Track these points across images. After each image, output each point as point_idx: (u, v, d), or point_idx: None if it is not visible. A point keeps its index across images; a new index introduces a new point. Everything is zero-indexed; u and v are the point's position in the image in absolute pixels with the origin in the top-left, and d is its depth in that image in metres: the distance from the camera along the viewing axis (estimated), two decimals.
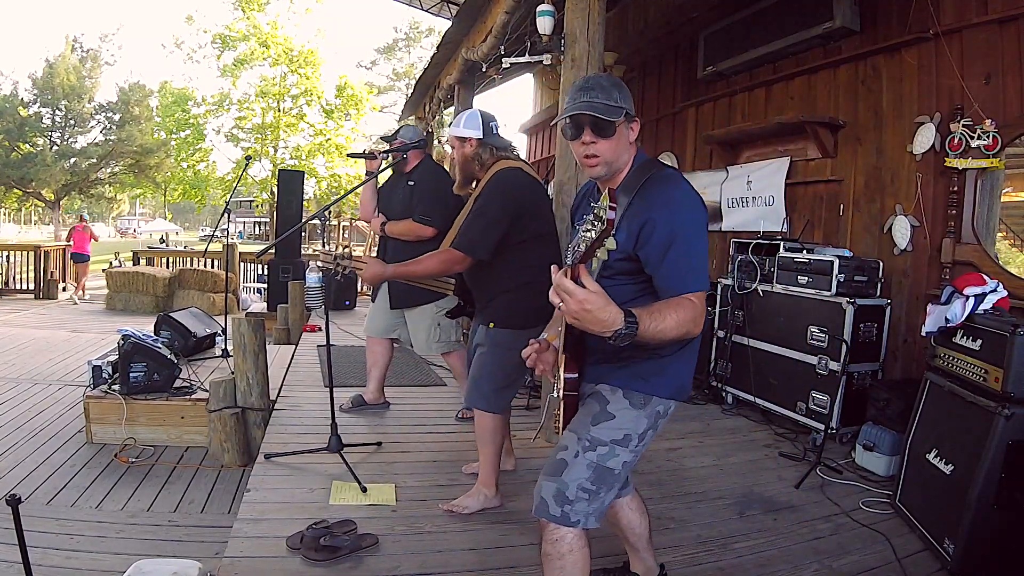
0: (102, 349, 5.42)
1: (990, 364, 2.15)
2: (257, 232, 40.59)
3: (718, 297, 4.02)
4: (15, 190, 26.10)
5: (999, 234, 3.37)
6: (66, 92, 25.44)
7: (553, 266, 1.20)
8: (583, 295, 1.13)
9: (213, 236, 6.00)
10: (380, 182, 3.44)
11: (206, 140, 21.03)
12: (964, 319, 2.31)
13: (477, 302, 2.52)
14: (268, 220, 25.80)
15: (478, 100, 6.49)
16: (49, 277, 9.53)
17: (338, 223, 31.34)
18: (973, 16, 3.12)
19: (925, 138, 3.30)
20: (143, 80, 31.88)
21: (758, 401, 3.68)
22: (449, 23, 6.50)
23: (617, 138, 1.43)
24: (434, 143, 8.73)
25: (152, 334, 3.99)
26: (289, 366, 4.44)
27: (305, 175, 8.55)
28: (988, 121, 2.98)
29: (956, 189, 3.16)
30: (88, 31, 70.82)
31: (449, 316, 2.80)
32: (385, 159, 3.23)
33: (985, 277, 2.40)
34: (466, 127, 2.41)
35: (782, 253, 3.61)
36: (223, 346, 4.77)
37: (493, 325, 2.38)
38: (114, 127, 26.51)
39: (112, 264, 10.44)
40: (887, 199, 3.59)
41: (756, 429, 3.55)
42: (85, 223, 10.73)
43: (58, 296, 9.52)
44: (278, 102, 20.72)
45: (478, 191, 2.38)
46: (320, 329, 5.73)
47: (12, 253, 9.85)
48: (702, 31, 5.00)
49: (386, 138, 3.37)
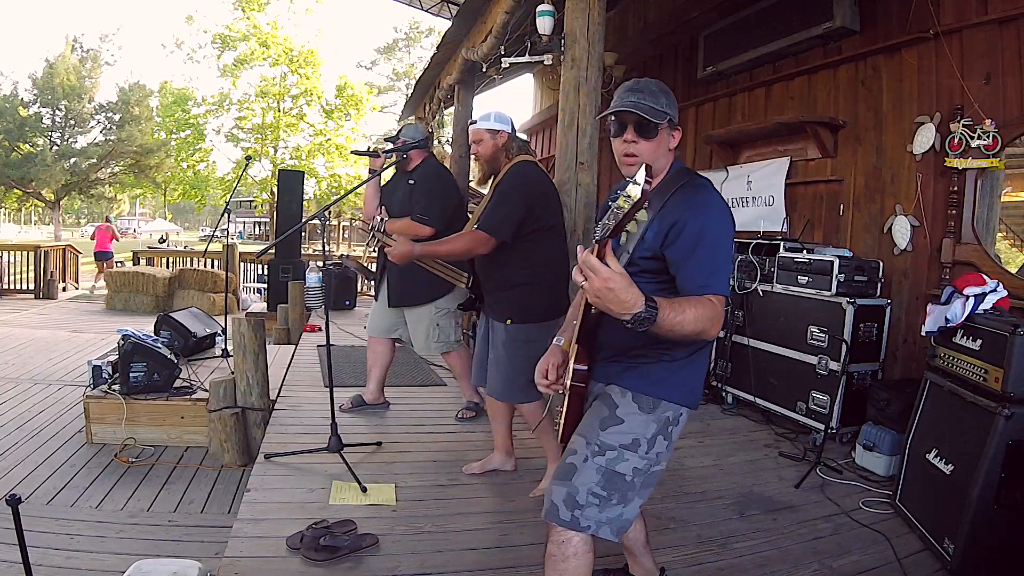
0: (102, 349, 5.42)
1: (990, 364, 2.14)
2: (257, 232, 40.58)
3: None
4: (15, 190, 26.11)
5: (999, 234, 3.37)
6: (66, 92, 25.44)
7: (580, 246, 1.20)
8: (607, 274, 1.14)
9: (213, 236, 6.00)
10: (384, 180, 3.45)
11: (206, 140, 21.00)
12: (964, 319, 2.31)
13: (487, 295, 2.58)
14: (268, 220, 25.79)
15: (478, 100, 6.50)
16: (49, 277, 9.52)
17: (338, 223, 31.37)
18: (973, 16, 3.12)
19: (925, 138, 3.30)
20: (143, 80, 31.98)
21: (758, 401, 3.67)
22: (449, 23, 6.51)
23: (658, 141, 1.47)
24: (434, 143, 8.73)
25: (152, 334, 3.99)
26: (289, 366, 4.44)
27: (305, 175, 8.55)
28: (988, 121, 2.98)
29: (956, 189, 3.16)
30: (88, 31, 70.84)
31: (461, 309, 2.85)
32: (388, 158, 3.24)
33: (985, 277, 2.40)
34: (497, 121, 2.53)
35: (782, 253, 3.61)
36: (223, 346, 4.77)
37: (511, 321, 2.44)
38: (114, 127, 26.51)
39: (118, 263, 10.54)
40: (887, 199, 3.59)
41: (756, 429, 3.55)
42: (109, 223, 11.71)
43: (58, 296, 9.52)
44: (278, 102, 20.70)
45: (498, 180, 2.50)
46: (320, 329, 5.73)
47: (12, 253, 9.84)
48: (702, 31, 5.00)
49: (389, 137, 3.38)
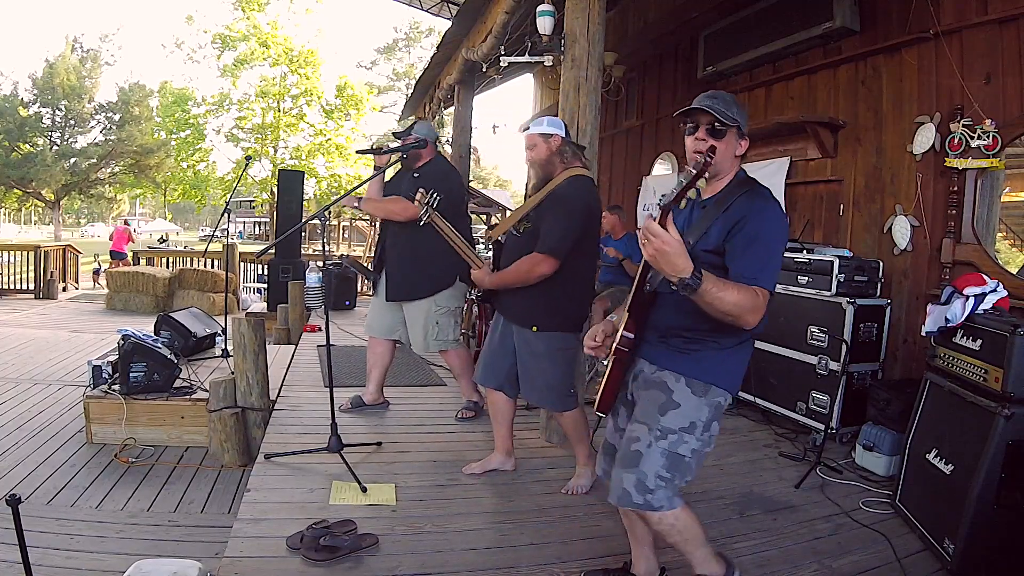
0: (102, 349, 5.42)
1: (990, 364, 2.14)
2: (257, 232, 40.57)
3: None
4: (15, 190, 26.12)
5: (999, 234, 3.36)
6: (66, 92, 25.45)
7: (647, 215, 1.38)
8: (667, 237, 1.31)
9: (213, 236, 6.00)
10: (388, 177, 3.44)
11: (206, 140, 20.99)
12: (964, 319, 2.31)
13: (504, 294, 2.58)
14: (268, 220, 25.80)
15: (478, 100, 6.50)
16: (49, 277, 9.52)
17: (338, 223, 31.36)
18: (973, 16, 3.12)
19: (925, 138, 3.30)
20: (143, 80, 31.96)
21: (758, 401, 3.67)
22: (449, 23, 6.51)
23: (726, 144, 1.60)
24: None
25: (152, 334, 3.99)
26: (289, 366, 4.44)
27: (305, 175, 8.54)
28: (988, 121, 2.98)
29: (956, 189, 3.16)
30: (88, 31, 70.67)
31: (480, 299, 2.85)
32: (391, 155, 3.23)
33: (985, 277, 2.40)
34: (550, 126, 2.48)
35: None
36: (223, 346, 4.77)
37: (536, 328, 2.45)
38: (114, 127, 26.52)
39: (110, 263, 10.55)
40: (887, 199, 3.58)
41: (756, 429, 3.55)
42: (127, 226, 12.78)
43: (58, 296, 9.52)
44: (278, 102, 20.70)
45: (551, 190, 2.42)
46: (320, 329, 5.73)
47: (12, 253, 9.85)
48: (702, 31, 5.00)
49: (398, 134, 3.36)
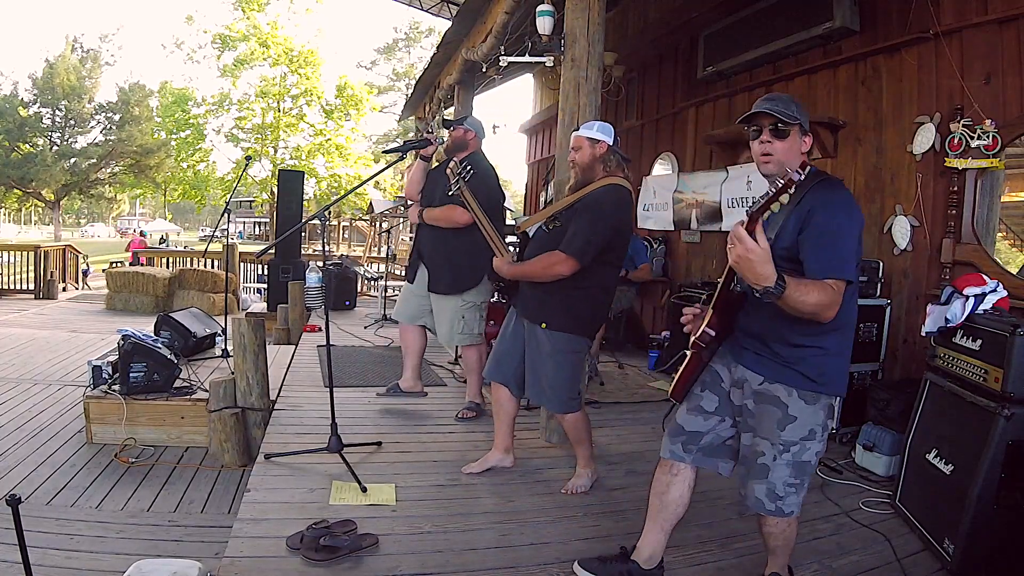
0: (102, 349, 5.41)
1: (990, 364, 2.14)
2: (257, 232, 40.58)
3: None
4: (15, 190, 26.13)
5: (999, 234, 3.36)
6: (66, 92, 25.46)
7: (736, 223, 1.41)
8: (752, 245, 1.36)
9: (213, 236, 6.00)
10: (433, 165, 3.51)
11: (206, 140, 21.01)
12: (964, 319, 2.31)
13: (525, 289, 2.58)
14: (268, 220, 25.81)
15: (478, 100, 6.50)
16: (49, 277, 9.53)
17: (338, 223, 31.37)
18: (973, 16, 3.12)
19: (925, 138, 3.30)
20: (143, 80, 31.91)
21: None
22: (449, 23, 6.51)
23: (790, 142, 1.64)
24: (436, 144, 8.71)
25: (152, 334, 3.99)
26: (289, 366, 4.44)
27: (305, 175, 8.54)
28: (988, 121, 2.98)
29: (956, 189, 3.16)
30: (88, 31, 70.88)
31: (499, 290, 2.87)
32: (440, 144, 3.26)
33: (985, 277, 2.40)
34: (600, 132, 2.48)
35: None
36: (223, 346, 4.77)
37: (545, 326, 2.45)
38: (114, 127, 26.53)
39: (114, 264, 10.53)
40: (887, 199, 3.58)
41: None
42: (144, 238, 14.08)
43: (58, 296, 9.52)
44: (278, 102, 20.71)
45: (586, 194, 2.43)
46: (320, 329, 5.73)
47: (12, 253, 9.85)
48: (702, 31, 5.00)
49: (448, 121, 3.45)
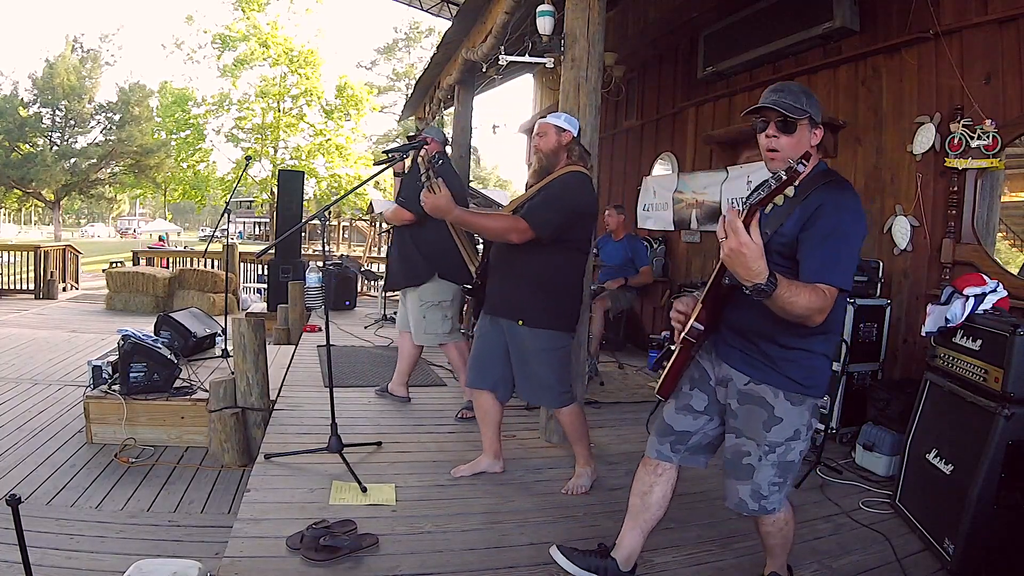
0: (102, 349, 5.42)
1: (990, 364, 2.14)
2: (257, 232, 40.58)
3: None
4: (15, 190, 26.14)
5: (999, 234, 3.36)
6: (66, 92, 25.48)
7: (729, 208, 1.34)
8: (746, 239, 1.28)
9: (213, 236, 6.00)
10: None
11: (206, 140, 21.03)
12: (964, 319, 2.31)
13: (498, 291, 2.56)
14: (268, 220, 25.81)
15: (478, 100, 6.50)
16: (49, 277, 9.53)
17: (338, 223, 31.38)
18: (973, 16, 3.12)
19: (925, 138, 3.30)
20: (143, 80, 31.97)
21: None
22: (449, 23, 6.51)
23: (798, 137, 1.57)
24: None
25: (152, 334, 3.99)
26: (289, 366, 4.44)
27: (305, 175, 8.56)
28: (988, 121, 2.98)
29: (956, 189, 3.16)
30: (88, 31, 70.76)
31: (467, 292, 2.91)
32: (404, 157, 3.34)
33: (985, 277, 2.40)
34: (567, 122, 2.52)
35: None
36: (223, 346, 4.77)
37: (522, 323, 2.44)
38: (114, 127, 26.56)
39: (114, 264, 10.52)
40: (887, 199, 3.58)
41: None
42: (162, 242, 14.37)
43: (58, 296, 9.52)
44: (278, 102, 20.72)
45: (548, 182, 2.47)
46: (320, 329, 5.73)
47: (12, 253, 9.85)
48: (702, 31, 5.00)
49: (411, 136, 3.58)
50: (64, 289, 9.96)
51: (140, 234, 32.68)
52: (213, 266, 9.67)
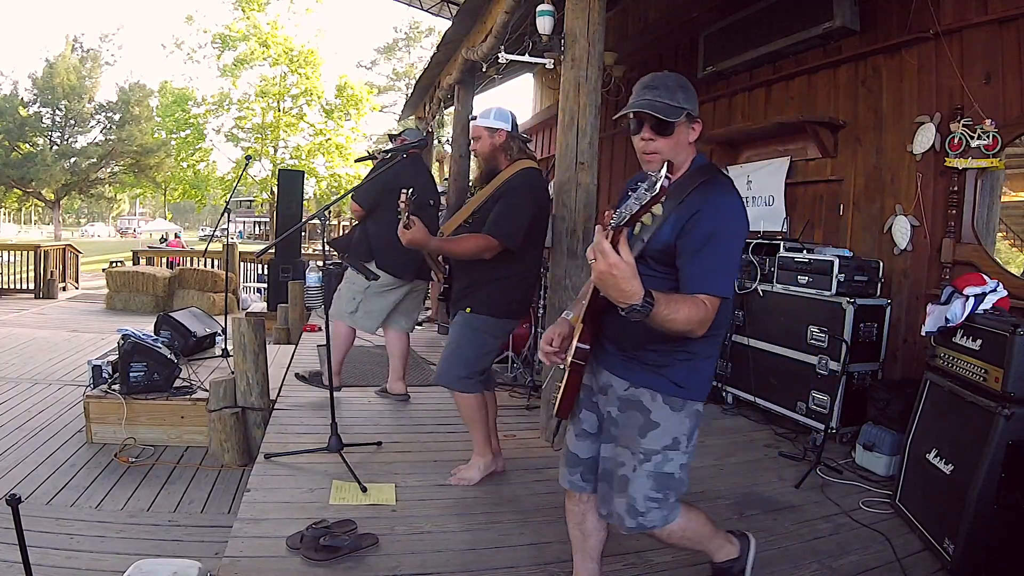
0: (102, 349, 5.42)
1: (990, 364, 2.14)
2: (257, 232, 40.58)
3: None
4: (15, 190, 26.13)
5: (999, 234, 3.36)
6: (66, 92, 25.46)
7: (598, 226, 1.25)
8: (615, 259, 1.19)
9: (213, 236, 6.00)
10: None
11: (206, 140, 21.05)
12: (964, 319, 2.30)
13: (458, 288, 2.57)
14: (268, 220, 25.80)
15: (478, 100, 6.49)
16: (49, 277, 9.53)
17: (338, 223, 31.37)
18: (973, 16, 3.12)
19: (925, 138, 3.30)
20: (143, 80, 31.84)
21: (758, 401, 3.67)
22: (449, 23, 6.50)
23: (675, 137, 1.49)
24: (434, 143, 8.73)
25: (152, 334, 3.99)
26: (289, 366, 4.44)
27: (305, 175, 8.57)
28: (988, 121, 2.98)
29: (956, 189, 3.16)
30: (88, 31, 70.79)
31: (440, 298, 2.95)
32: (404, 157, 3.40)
33: (985, 277, 2.39)
34: (497, 119, 2.50)
35: (782, 253, 3.60)
36: (223, 346, 4.77)
37: (470, 310, 2.47)
38: (114, 127, 26.55)
39: (114, 264, 10.51)
40: (887, 199, 3.58)
41: (756, 429, 3.55)
42: (178, 239, 14.51)
43: (58, 296, 9.52)
44: (278, 102, 20.73)
45: (499, 183, 2.47)
46: (320, 329, 5.73)
47: (12, 253, 9.85)
48: (702, 31, 4.99)
49: (391, 135, 3.73)
50: (64, 289, 9.96)
51: (140, 234, 32.69)
52: (213, 266, 9.67)
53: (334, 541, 2.00)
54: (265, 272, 8.85)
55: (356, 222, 3.62)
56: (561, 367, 1.57)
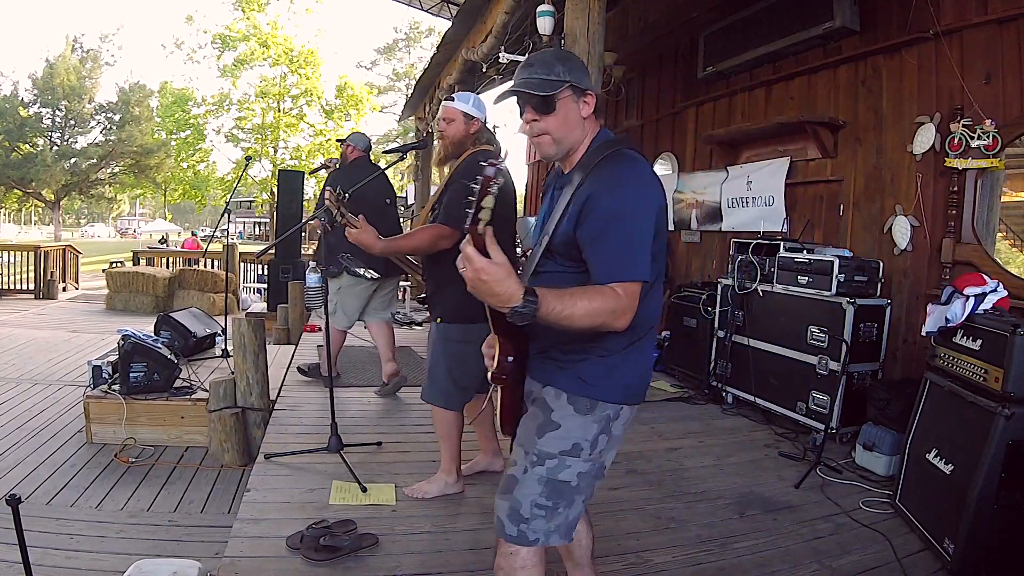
0: (102, 349, 5.42)
1: (990, 364, 2.14)
2: (257, 232, 40.59)
3: (718, 297, 4.03)
4: (15, 190, 26.13)
5: (999, 234, 3.37)
6: (66, 92, 25.47)
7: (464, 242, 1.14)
8: (480, 263, 1.09)
9: (213, 236, 6.00)
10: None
11: (206, 140, 21.06)
12: (964, 319, 2.31)
13: (429, 292, 2.51)
14: (268, 220, 25.81)
15: None
16: (49, 277, 9.53)
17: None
18: (973, 16, 3.12)
19: (925, 138, 3.30)
20: (143, 80, 31.87)
21: (758, 401, 3.67)
22: (449, 23, 6.51)
23: (562, 114, 1.35)
24: (434, 144, 8.72)
25: (152, 334, 3.99)
26: (289, 366, 4.44)
27: (305, 175, 8.58)
28: (988, 121, 2.98)
29: (956, 189, 3.16)
30: (88, 31, 70.63)
31: (420, 301, 2.98)
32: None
33: (985, 277, 2.40)
34: (475, 107, 2.45)
35: (782, 253, 3.61)
36: (223, 346, 4.77)
37: (440, 320, 2.39)
38: (114, 127, 26.55)
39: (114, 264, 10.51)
40: (887, 199, 3.58)
41: (756, 429, 3.55)
42: (195, 237, 15.32)
43: (58, 296, 9.52)
44: (278, 102, 20.73)
45: (453, 170, 2.40)
46: (320, 329, 5.73)
47: (12, 253, 9.85)
48: (702, 31, 5.00)
49: (341, 140, 3.97)
50: (64, 289, 9.96)
51: (140, 234, 32.68)
52: (213, 266, 9.67)
53: (334, 541, 2.00)
54: (265, 272, 8.85)
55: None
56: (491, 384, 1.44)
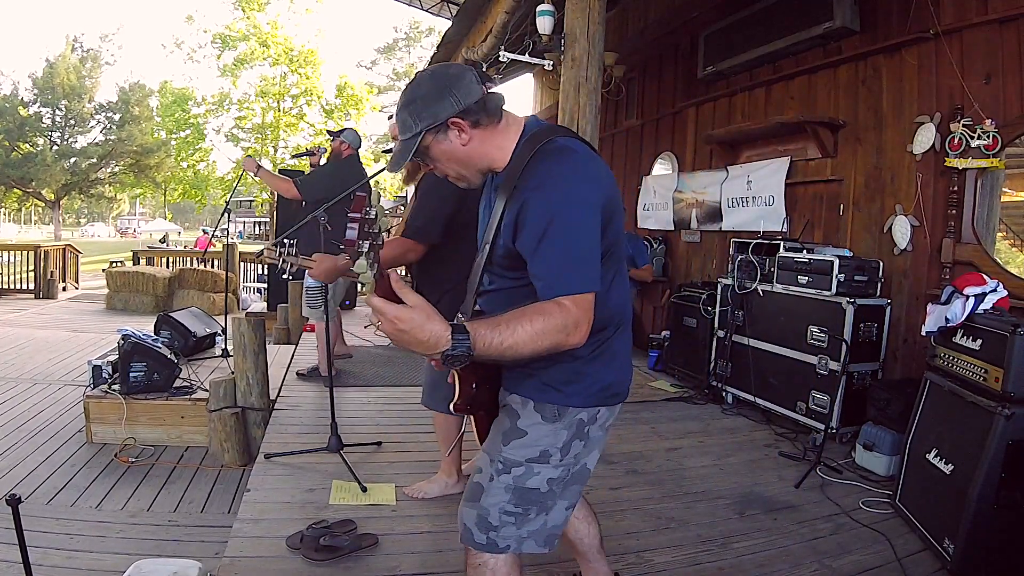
0: (102, 349, 5.42)
1: (990, 364, 2.14)
2: (257, 232, 40.58)
3: (718, 297, 4.03)
4: (15, 190, 26.13)
5: (999, 234, 3.37)
6: (66, 92, 25.46)
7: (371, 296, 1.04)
8: (393, 312, 0.97)
9: (213, 236, 6.00)
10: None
11: (206, 140, 21.01)
12: (964, 319, 2.31)
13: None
14: (268, 220, 25.80)
15: None
16: (49, 277, 9.52)
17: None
18: (973, 16, 3.12)
19: (925, 138, 3.30)
20: (143, 80, 31.83)
21: (758, 401, 3.67)
22: (449, 23, 6.50)
23: (444, 154, 1.22)
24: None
25: (152, 334, 3.99)
26: (289, 366, 4.44)
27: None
28: (988, 121, 2.98)
29: (956, 189, 3.16)
30: (88, 31, 70.60)
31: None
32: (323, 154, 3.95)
33: (985, 277, 2.39)
34: None
35: (782, 253, 3.61)
36: (223, 346, 4.77)
37: None
38: (114, 127, 26.54)
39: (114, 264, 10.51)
40: (887, 199, 3.58)
41: (756, 429, 3.55)
42: (206, 234, 15.06)
43: (58, 296, 9.52)
44: (278, 102, 20.70)
45: (421, 181, 2.39)
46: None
47: (12, 253, 9.85)
48: (702, 31, 5.00)
49: (332, 132, 4.10)
50: (64, 289, 9.95)
51: (140, 234, 32.68)
52: (213, 266, 9.67)
53: (334, 541, 2.01)
54: (265, 272, 8.84)
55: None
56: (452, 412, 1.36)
